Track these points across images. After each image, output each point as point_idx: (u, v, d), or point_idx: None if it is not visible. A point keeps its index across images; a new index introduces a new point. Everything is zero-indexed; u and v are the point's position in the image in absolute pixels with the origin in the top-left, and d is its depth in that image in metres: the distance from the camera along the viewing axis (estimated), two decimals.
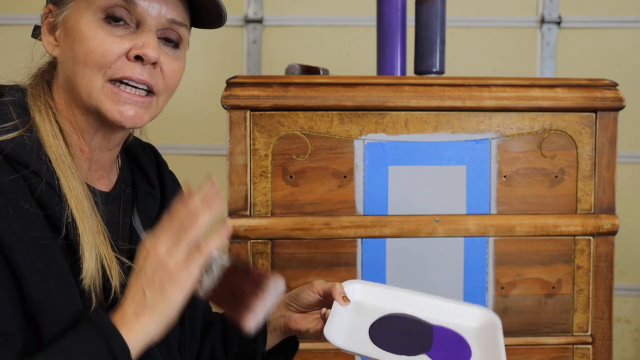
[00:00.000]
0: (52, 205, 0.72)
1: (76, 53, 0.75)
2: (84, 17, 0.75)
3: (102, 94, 0.76)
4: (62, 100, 0.79)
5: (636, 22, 2.11)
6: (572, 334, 1.25)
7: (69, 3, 0.77)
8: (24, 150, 0.73)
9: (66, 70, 0.77)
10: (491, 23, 2.13)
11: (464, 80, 1.22)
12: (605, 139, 1.24)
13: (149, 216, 0.87)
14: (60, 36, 0.77)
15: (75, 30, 0.75)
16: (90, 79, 0.75)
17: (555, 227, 1.23)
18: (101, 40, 0.74)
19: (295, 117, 1.20)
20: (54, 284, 0.70)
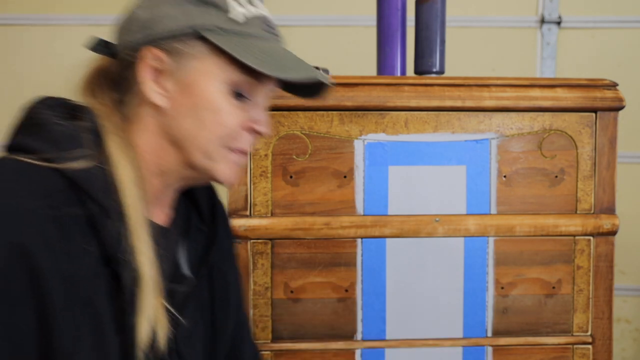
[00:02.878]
0: (112, 246, 0.70)
1: (202, 118, 0.75)
2: (212, 85, 0.75)
3: (216, 158, 0.76)
4: (148, 144, 0.77)
5: (636, 22, 2.11)
6: (572, 334, 1.25)
7: (190, 61, 0.75)
8: (97, 183, 0.70)
9: (174, 124, 0.76)
10: (491, 23, 2.13)
11: (464, 80, 1.22)
12: (605, 139, 1.24)
13: (197, 252, 0.86)
14: (173, 90, 0.75)
15: (201, 95, 0.75)
16: (210, 144, 0.75)
17: (555, 227, 1.23)
18: (228, 113, 0.75)
19: (295, 117, 1.20)
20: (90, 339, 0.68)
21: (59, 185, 0.69)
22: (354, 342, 1.22)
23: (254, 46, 0.75)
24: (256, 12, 0.78)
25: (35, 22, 2.17)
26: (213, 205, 0.91)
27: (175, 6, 0.75)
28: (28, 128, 0.74)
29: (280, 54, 0.79)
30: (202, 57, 0.75)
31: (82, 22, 2.17)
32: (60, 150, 0.70)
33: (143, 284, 0.71)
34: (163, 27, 0.74)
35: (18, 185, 0.67)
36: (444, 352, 1.23)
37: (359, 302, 1.22)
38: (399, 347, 1.23)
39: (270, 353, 1.21)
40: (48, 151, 0.70)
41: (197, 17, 0.74)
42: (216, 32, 0.74)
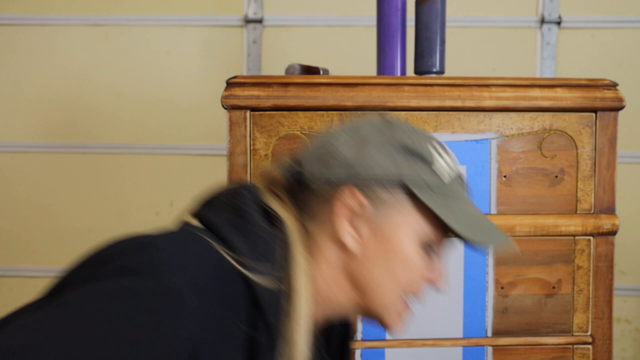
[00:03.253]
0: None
1: (390, 267, 0.74)
2: (408, 237, 0.74)
3: (393, 307, 0.76)
4: (324, 277, 0.76)
5: (636, 22, 2.11)
6: (572, 334, 1.25)
7: (391, 211, 0.74)
8: (275, 309, 0.69)
9: (361, 269, 0.75)
10: (491, 23, 2.13)
11: (464, 80, 1.22)
12: (605, 139, 1.24)
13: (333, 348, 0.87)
14: (367, 235, 0.75)
15: (396, 246, 0.74)
16: (392, 293, 0.75)
17: (555, 227, 1.23)
18: (419, 268, 0.75)
19: (295, 117, 1.20)
20: None
21: (239, 293, 0.67)
22: (354, 342, 1.22)
23: (458, 209, 0.75)
24: (456, 169, 0.78)
25: (34, 22, 2.17)
26: (344, 341, 0.90)
27: (382, 153, 0.74)
28: (234, 219, 0.72)
29: (478, 218, 0.78)
30: (404, 209, 0.74)
31: (82, 22, 2.17)
32: (256, 260, 0.68)
33: None
34: (369, 172, 0.74)
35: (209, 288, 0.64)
36: (444, 352, 1.23)
37: None
38: (399, 347, 1.23)
39: None
40: (245, 255, 0.68)
41: (406, 169, 0.74)
42: (423, 189, 0.73)
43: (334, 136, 0.78)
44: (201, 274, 0.64)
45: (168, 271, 0.62)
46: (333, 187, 0.75)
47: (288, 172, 0.80)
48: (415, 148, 0.75)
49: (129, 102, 2.20)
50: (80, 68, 2.19)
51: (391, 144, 0.76)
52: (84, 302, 0.59)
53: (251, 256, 0.68)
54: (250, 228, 0.71)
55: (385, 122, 0.79)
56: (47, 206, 2.23)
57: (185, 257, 0.64)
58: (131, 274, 0.61)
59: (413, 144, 0.76)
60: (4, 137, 2.23)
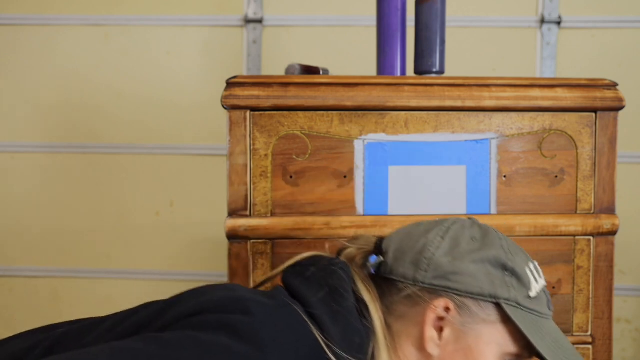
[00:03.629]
0: None
1: None
2: (491, 353, 0.74)
3: None
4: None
5: (636, 22, 2.11)
6: (572, 334, 1.25)
7: (479, 324, 0.74)
8: None
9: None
10: (491, 23, 2.13)
11: (464, 80, 1.22)
12: (605, 139, 1.24)
13: None
14: (450, 343, 0.75)
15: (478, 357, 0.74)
16: None
17: (555, 227, 1.23)
18: None
19: (295, 117, 1.20)
20: None
21: None
22: None
23: (544, 330, 0.75)
24: (542, 284, 0.78)
25: (34, 22, 2.17)
26: None
27: (479, 266, 0.75)
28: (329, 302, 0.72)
29: (562, 340, 0.78)
30: (492, 324, 0.74)
31: (82, 22, 2.17)
32: (346, 348, 0.68)
33: None
34: (464, 285, 0.74)
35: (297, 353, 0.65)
36: None
37: None
38: None
39: None
40: (337, 343, 0.68)
41: (501, 289, 0.74)
42: (513, 306, 0.74)
43: (428, 238, 0.78)
44: (295, 354, 0.64)
45: (267, 343, 0.62)
46: (425, 293, 0.75)
47: (371, 259, 0.79)
48: (513, 268, 0.75)
49: (129, 102, 2.20)
50: (80, 68, 2.19)
51: (489, 259, 0.75)
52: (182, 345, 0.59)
53: (341, 344, 0.68)
54: (345, 315, 0.70)
55: (481, 230, 0.79)
56: (47, 206, 2.23)
57: (283, 333, 0.64)
58: (232, 332, 0.61)
59: (511, 264, 0.75)
60: (4, 137, 2.23)
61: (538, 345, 0.73)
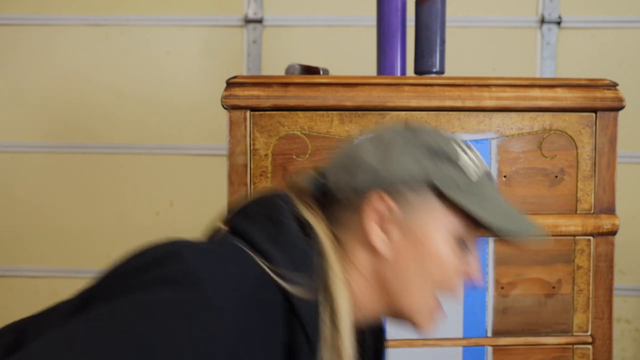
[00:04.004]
0: None
1: (423, 267, 0.74)
2: (440, 237, 0.74)
3: (427, 308, 0.76)
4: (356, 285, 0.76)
5: (636, 22, 2.11)
6: (572, 334, 1.25)
7: (421, 212, 0.74)
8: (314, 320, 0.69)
9: (393, 273, 0.75)
10: (491, 23, 2.13)
11: (464, 80, 1.22)
12: (605, 139, 1.24)
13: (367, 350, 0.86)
14: (398, 239, 0.74)
15: (428, 244, 0.74)
16: (425, 294, 0.75)
17: (555, 227, 1.23)
18: (452, 263, 0.75)
19: (295, 117, 1.20)
20: None
21: (278, 306, 0.67)
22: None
23: (489, 205, 0.74)
24: (482, 166, 0.77)
25: (34, 22, 2.17)
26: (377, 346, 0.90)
27: (407, 155, 0.74)
28: (270, 231, 0.72)
29: (509, 212, 0.77)
30: (433, 209, 0.74)
31: (82, 22, 2.17)
32: (293, 271, 0.68)
33: None
34: (396, 175, 0.74)
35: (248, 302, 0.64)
36: (444, 352, 1.23)
37: None
38: (399, 347, 1.23)
39: None
40: (282, 267, 0.68)
41: (432, 169, 0.74)
42: (451, 187, 0.73)
43: (357, 145, 0.78)
44: (242, 288, 0.64)
45: (210, 285, 0.61)
46: (360, 194, 0.75)
47: (312, 184, 0.80)
48: (440, 148, 0.75)
49: (129, 102, 2.20)
50: (80, 68, 2.19)
51: (415, 146, 0.75)
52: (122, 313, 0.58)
53: (289, 268, 0.68)
54: (287, 239, 0.71)
55: (407, 127, 0.80)
56: (47, 206, 2.23)
57: (226, 270, 0.64)
58: (172, 284, 0.61)
59: (437, 144, 0.75)
60: (4, 137, 2.23)
61: (484, 217, 0.72)
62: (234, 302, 0.62)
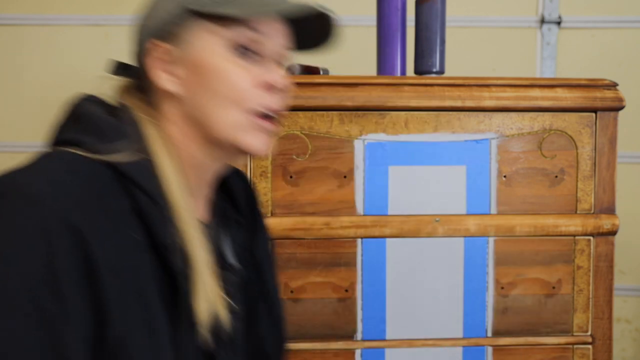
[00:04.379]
0: (162, 233, 0.70)
1: (213, 88, 0.75)
2: (214, 52, 0.76)
3: (241, 126, 0.76)
4: (177, 135, 0.78)
5: (636, 22, 2.11)
6: (572, 334, 1.25)
7: (188, 39, 0.76)
8: (144, 174, 0.71)
9: (194, 106, 0.76)
10: (491, 23, 2.13)
11: (464, 80, 1.22)
12: (605, 139, 1.24)
13: (239, 244, 0.87)
14: (184, 74, 0.77)
15: (207, 66, 0.76)
16: (230, 112, 0.75)
17: (555, 227, 1.23)
18: (237, 74, 0.76)
19: (295, 117, 1.20)
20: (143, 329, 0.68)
21: (107, 177, 0.69)
22: (354, 342, 1.22)
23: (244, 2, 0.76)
24: None
25: (34, 22, 2.17)
26: (249, 197, 0.91)
27: (165, 1, 0.78)
28: (74, 122, 0.75)
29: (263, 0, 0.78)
30: (200, 32, 0.76)
31: (82, 22, 2.17)
32: (106, 142, 0.71)
33: (197, 266, 0.72)
34: (160, 20, 0.77)
35: (69, 178, 0.67)
36: (444, 352, 1.23)
37: (359, 302, 1.22)
38: (399, 347, 1.23)
39: None
40: (95, 143, 0.71)
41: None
42: (204, 4, 0.75)
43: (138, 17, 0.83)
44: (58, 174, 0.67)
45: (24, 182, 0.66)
46: (142, 53, 0.79)
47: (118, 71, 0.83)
48: None
49: None
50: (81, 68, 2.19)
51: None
52: None
53: (103, 141, 0.71)
54: (90, 119, 0.74)
55: None
56: None
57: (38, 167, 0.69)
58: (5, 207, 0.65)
59: None
60: (4, 137, 2.22)
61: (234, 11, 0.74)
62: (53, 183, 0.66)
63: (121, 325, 0.66)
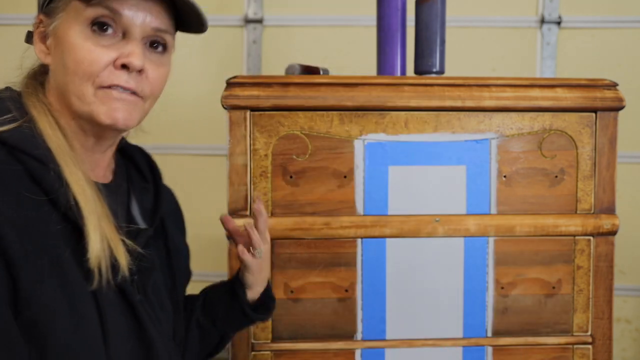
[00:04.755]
0: (55, 190, 0.75)
1: (66, 62, 0.79)
2: (73, 28, 0.79)
3: (92, 100, 0.79)
4: (56, 103, 0.82)
5: (636, 22, 2.11)
6: (572, 334, 1.25)
7: (59, 14, 0.80)
8: (25, 139, 0.76)
9: (57, 77, 0.81)
10: (491, 23, 2.13)
11: (464, 80, 1.22)
12: (605, 139, 1.24)
13: (145, 207, 0.93)
14: (52, 45, 0.82)
15: (65, 40, 0.79)
16: (81, 87, 0.79)
17: (555, 227, 1.23)
18: (89, 51, 0.78)
19: (295, 117, 1.20)
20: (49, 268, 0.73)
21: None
22: (354, 342, 1.22)
23: None
24: None
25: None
26: (153, 168, 0.99)
27: None
28: None
29: None
30: (67, 8, 0.80)
31: None
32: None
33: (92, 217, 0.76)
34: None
35: None
36: (444, 352, 1.23)
37: (359, 302, 1.22)
38: (399, 347, 1.23)
39: (270, 353, 1.21)
40: None
41: None
42: None
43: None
44: None
45: None
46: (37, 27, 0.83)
47: None
48: None
49: None
50: None
51: None
52: None
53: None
54: None
55: None
56: None
57: None
58: None
59: None
60: None
61: None
62: None
63: (32, 277, 0.71)
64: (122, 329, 0.80)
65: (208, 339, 1.04)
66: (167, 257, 0.96)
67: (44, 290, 0.72)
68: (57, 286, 0.73)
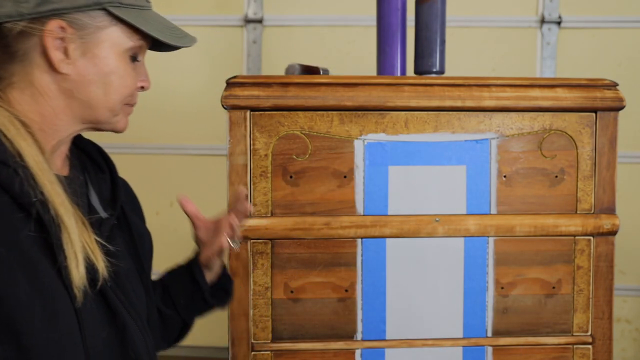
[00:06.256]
0: (24, 195, 0.76)
1: (107, 81, 0.86)
2: (116, 52, 0.86)
3: (119, 112, 0.90)
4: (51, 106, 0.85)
5: (636, 22, 2.11)
6: (572, 334, 1.25)
7: (96, 32, 0.84)
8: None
9: (81, 88, 0.85)
10: (491, 23, 2.13)
11: (464, 80, 1.22)
12: (605, 139, 1.24)
13: (104, 197, 0.95)
14: (77, 56, 0.84)
15: (107, 62, 0.85)
16: (116, 102, 0.88)
17: (555, 227, 1.23)
18: (130, 76, 0.88)
19: (295, 117, 1.20)
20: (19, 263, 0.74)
21: None
22: (354, 342, 1.22)
23: (147, 17, 0.88)
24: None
25: None
26: (105, 158, 1.02)
27: None
28: None
29: (165, 23, 0.92)
30: (106, 28, 0.84)
31: None
32: None
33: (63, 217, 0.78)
34: (67, 2, 0.82)
35: None
36: (444, 352, 1.23)
37: (359, 302, 1.22)
38: (399, 347, 1.23)
39: (270, 353, 1.21)
40: None
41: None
42: (117, 6, 0.84)
43: None
44: None
45: None
46: (37, 24, 0.81)
47: None
48: None
49: None
50: None
51: None
52: None
53: None
54: None
55: None
56: None
57: None
58: None
59: None
60: None
61: (148, 30, 0.86)
62: None
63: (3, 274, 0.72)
64: (96, 318, 0.82)
65: (171, 327, 1.06)
66: (132, 243, 0.98)
67: (16, 286, 0.73)
68: (28, 281, 0.74)
